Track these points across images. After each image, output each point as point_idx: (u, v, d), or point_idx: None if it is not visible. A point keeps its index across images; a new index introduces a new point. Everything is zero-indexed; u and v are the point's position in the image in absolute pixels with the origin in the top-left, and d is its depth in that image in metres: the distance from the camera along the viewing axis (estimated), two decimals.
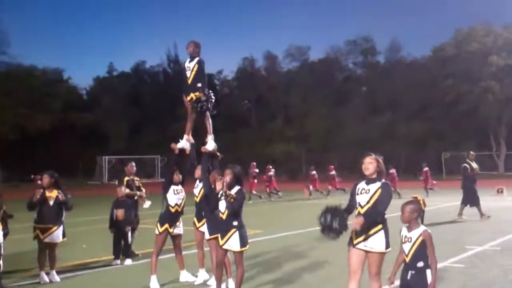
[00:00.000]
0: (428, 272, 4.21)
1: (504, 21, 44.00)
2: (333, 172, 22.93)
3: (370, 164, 4.68)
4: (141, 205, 9.16)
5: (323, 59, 53.80)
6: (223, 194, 5.58)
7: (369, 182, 4.66)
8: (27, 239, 7.62)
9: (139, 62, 60.35)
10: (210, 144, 6.52)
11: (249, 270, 6.95)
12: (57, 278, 7.02)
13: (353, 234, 4.65)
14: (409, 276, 4.25)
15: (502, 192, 20.47)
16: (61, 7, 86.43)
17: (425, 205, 4.45)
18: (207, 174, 6.35)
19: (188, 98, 6.43)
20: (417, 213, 4.34)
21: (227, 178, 5.61)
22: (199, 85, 6.32)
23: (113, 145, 47.70)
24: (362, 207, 4.61)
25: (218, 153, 6.67)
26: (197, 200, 6.65)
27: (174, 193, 6.69)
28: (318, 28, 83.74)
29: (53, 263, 7.14)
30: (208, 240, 6.25)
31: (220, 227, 5.71)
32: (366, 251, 4.59)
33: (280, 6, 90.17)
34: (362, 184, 4.70)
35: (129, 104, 51.56)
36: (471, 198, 13.03)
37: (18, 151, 41.99)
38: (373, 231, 4.55)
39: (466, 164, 13.32)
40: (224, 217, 5.64)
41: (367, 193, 4.61)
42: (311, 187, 22.18)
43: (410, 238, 4.28)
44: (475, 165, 13.38)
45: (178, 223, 6.81)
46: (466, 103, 40.94)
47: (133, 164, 9.33)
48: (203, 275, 6.81)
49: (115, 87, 54.42)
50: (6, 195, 7.19)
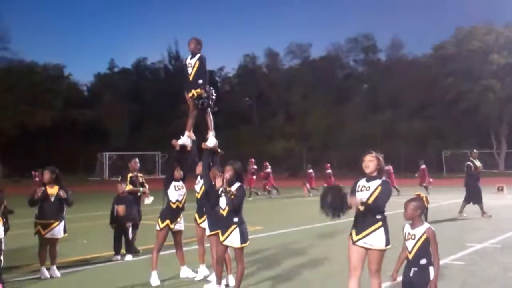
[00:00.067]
0: (431, 269, 4.22)
1: (505, 20, 44.11)
2: (329, 171, 23.01)
3: (371, 162, 4.68)
4: (143, 201, 9.17)
5: (324, 57, 53.69)
6: (223, 191, 5.59)
7: (370, 180, 4.67)
8: (28, 235, 7.65)
9: (140, 59, 60.50)
10: (211, 141, 6.55)
11: (249, 267, 6.97)
12: (58, 274, 7.05)
13: (353, 231, 4.67)
14: (412, 273, 4.27)
15: (503, 190, 20.46)
16: (62, 3, 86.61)
17: (428, 202, 4.46)
18: (208, 171, 6.37)
19: (190, 95, 6.47)
20: (420, 210, 4.34)
21: (228, 175, 5.62)
22: (201, 82, 6.35)
23: (114, 142, 47.74)
24: (362, 204, 4.62)
25: (219, 150, 6.70)
26: (199, 197, 6.66)
27: (175, 189, 6.70)
28: (319, 26, 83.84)
29: (54, 259, 7.16)
30: (209, 236, 6.27)
31: (221, 224, 5.72)
32: (366, 248, 4.61)
33: (282, 3, 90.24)
34: (363, 182, 4.71)
35: (130, 101, 51.50)
36: (475, 196, 13.05)
37: (19, 147, 42.02)
38: (373, 228, 4.56)
39: (470, 162, 13.32)
40: (225, 214, 5.65)
41: (367, 190, 4.63)
42: (308, 185, 22.25)
43: (414, 235, 4.29)
44: (479, 163, 13.40)
45: (179, 219, 6.82)
46: (467, 102, 40.92)
47: (137, 161, 9.33)
48: (204, 271, 6.83)
49: (116, 84, 54.41)
50: (7, 191, 7.19)
